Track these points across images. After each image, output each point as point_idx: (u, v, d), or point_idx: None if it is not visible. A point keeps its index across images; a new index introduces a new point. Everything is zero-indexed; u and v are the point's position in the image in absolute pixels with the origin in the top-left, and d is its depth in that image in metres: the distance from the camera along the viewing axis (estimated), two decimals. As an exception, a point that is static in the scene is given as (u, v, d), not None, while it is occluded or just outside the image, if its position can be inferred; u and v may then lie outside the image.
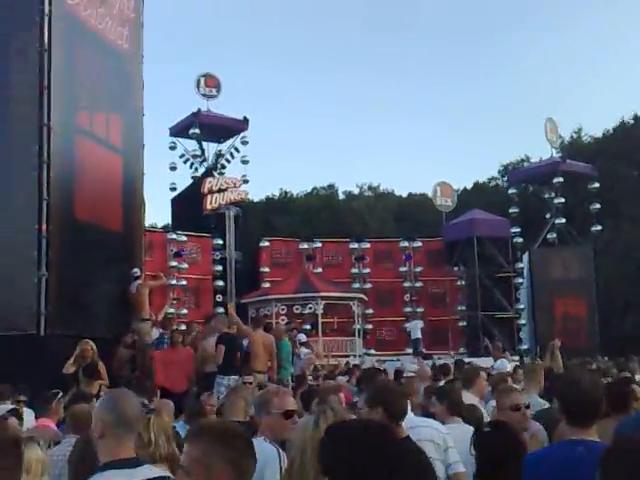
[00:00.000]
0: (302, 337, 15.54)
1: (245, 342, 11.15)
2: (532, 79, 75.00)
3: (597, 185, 30.22)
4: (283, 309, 19.24)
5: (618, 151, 40.34)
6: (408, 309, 24.39)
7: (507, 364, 12.08)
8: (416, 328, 21.12)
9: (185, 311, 18.99)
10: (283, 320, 17.62)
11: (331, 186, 52.68)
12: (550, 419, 4.33)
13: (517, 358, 18.34)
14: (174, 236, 20.21)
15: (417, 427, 3.97)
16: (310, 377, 11.20)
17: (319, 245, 24.10)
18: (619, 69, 72.46)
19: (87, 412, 4.37)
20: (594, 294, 26.91)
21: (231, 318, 11.27)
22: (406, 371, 9.54)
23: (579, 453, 1.71)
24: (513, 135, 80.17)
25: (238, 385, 8.11)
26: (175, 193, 23.74)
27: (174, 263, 19.68)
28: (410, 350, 22.54)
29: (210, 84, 23.91)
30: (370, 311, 23.53)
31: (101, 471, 2.47)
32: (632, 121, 43.05)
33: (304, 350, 13.85)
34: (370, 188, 54.99)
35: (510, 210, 28.18)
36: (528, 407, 4.02)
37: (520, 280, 25.46)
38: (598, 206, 30.00)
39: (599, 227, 30.37)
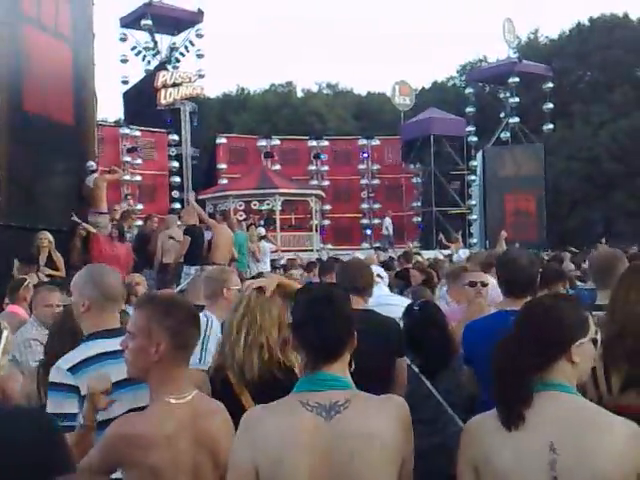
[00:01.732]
0: (261, 230, 15.84)
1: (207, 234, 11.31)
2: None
3: (551, 85, 30.67)
4: (241, 205, 19.39)
5: (573, 52, 40.44)
6: (365, 205, 24.82)
7: (466, 253, 12.61)
8: (389, 224, 21.65)
9: (140, 206, 18.97)
10: (241, 216, 17.80)
11: (289, 83, 51.72)
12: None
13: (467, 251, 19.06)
14: (127, 131, 19.83)
15: (387, 305, 4.20)
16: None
17: (277, 143, 24.00)
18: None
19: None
20: (543, 190, 27.90)
21: (194, 209, 11.39)
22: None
23: (511, 322, 1.96)
24: (472, 36, 79.18)
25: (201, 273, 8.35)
26: (127, 87, 23.10)
27: (127, 158, 19.42)
28: (366, 244, 23.30)
29: (162, -27, 22.82)
30: (328, 207, 23.86)
31: (87, 341, 2.57)
32: (588, 23, 42.88)
33: (266, 244, 14.10)
34: (329, 86, 54.22)
35: (466, 109, 28.40)
36: (485, 285, 4.08)
37: (473, 177, 26.05)
38: (551, 106, 30.61)
39: (551, 126, 31.14)
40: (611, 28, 40.90)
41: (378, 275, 5.02)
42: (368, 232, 24.54)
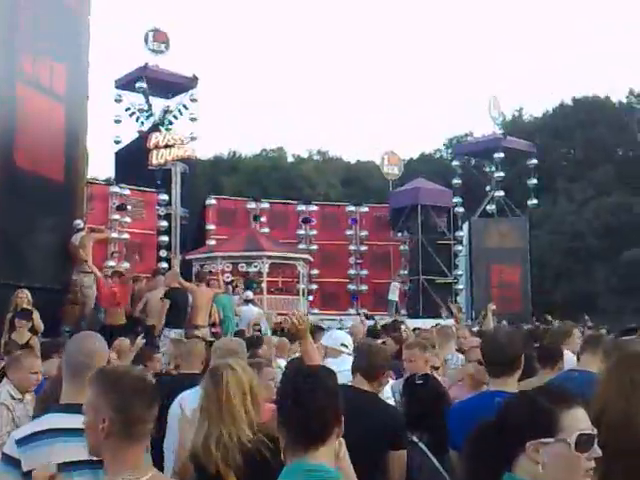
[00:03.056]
0: (249, 294, 15.71)
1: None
2: (478, 59, 75.87)
3: (535, 161, 31.31)
4: (228, 267, 19.28)
5: (556, 130, 41.67)
6: (352, 271, 24.83)
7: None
8: (394, 290, 21.49)
9: (127, 265, 18.86)
10: (227, 277, 17.70)
11: (280, 148, 52.49)
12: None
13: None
14: (117, 189, 19.83)
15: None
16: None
17: (266, 206, 24.12)
18: (559, 54, 73.99)
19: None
20: (528, 263, 28.17)
21: (177, 272, 11.36)
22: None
23: (496, 403, 1.89)
24: (459, 110, 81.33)
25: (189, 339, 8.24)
26: (120, 147, 23.29)
27: (116, 216, 19.38)
28: (352, 310, 23.20)
29: (159, 39, 23.34)
30: (315, 272, 23.82)
31: (52, 412, 2.52)
32: (571, 103, 44.35)
33: (253, 308, 13.94)
34: (319, 153, 55.10)
35: (453, 181, 28.89)
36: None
37: (460, 248, 26.26)
38: (535, 181, 31.17)
39: (535, 201, 31.82)
40: (593, 108, 42.27)
41: (342, 344, 4.90)
42: (355, 298, 24.46)
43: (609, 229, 36.08)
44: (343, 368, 3.70)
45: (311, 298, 22.97)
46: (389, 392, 4.43)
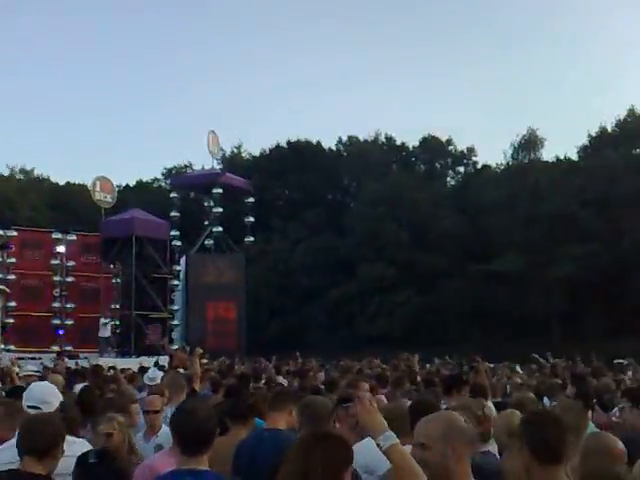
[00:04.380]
0: None
1: None
2: (197, 91, 76.84)
3: (252, 200, 32.61)
4: None
5: (272, 171, 43.58)
6: (57, 304, 22.53)
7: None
8: (105, 325, 19.67)
9: None
10: None
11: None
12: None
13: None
14: None
15: None
16: None
17: (-47, 228, 20.82)
18: (279, 95, 78.56)
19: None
20: (244, 299, 28.65)
21: None
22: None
23: None
24: (178, 140, 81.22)
25: None
26: None
27: None
28: (56, 347, 21.07)
29: None
30: (13, 304, 21.17)
31: None
32: (286, 146, 46.85)
33: None
34: (22, 171, 50.32)
35: (171, 213, 28.31)
36: None
37: (176, 282, 25.49)
38: (252, 219, 32.49)
39: (252, 238, 32.85)
40: (306, 153, 45.05)
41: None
42: (60, 333, 22.21)
43: (318, 268, 38.33)
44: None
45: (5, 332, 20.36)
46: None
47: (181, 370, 6.87)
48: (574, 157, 40.54)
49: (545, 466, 2.42)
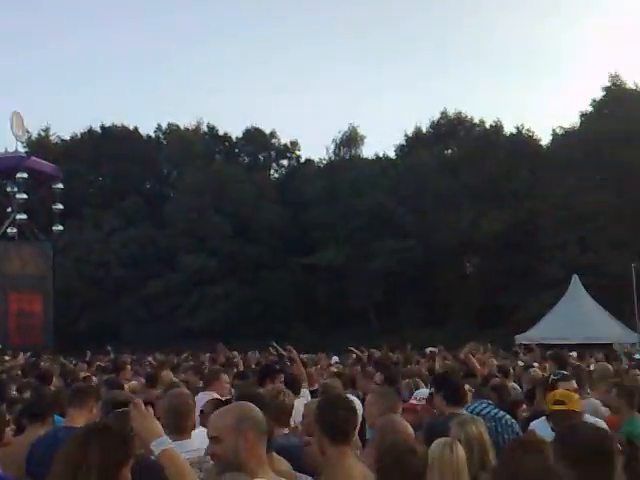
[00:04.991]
0: None
1: None
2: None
3: (61, 186, 30.80)
4: None
5: (85, 157, 40.65)
6: None
7: None
8: None
9: None
10: None
11: None
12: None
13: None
14: None
15: None
16: None
17: None
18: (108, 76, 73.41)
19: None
20: (51, 292, 26.76)
21: None
22: None
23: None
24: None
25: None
26: None
27: None
28: None
29: None
30: None
31: None
32: (100, 130, 43.85)
33: None
34: None
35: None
36: None
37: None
38: (61, 207, 30.61)
39: (60, 227, 30.82)
40: (122, 139, 42.45)
41: None
42: None
43: (136, 260, 36.41)
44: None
45: None
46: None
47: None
48: (392, 155, 42.32)
49: (336, 446, 2.67)
